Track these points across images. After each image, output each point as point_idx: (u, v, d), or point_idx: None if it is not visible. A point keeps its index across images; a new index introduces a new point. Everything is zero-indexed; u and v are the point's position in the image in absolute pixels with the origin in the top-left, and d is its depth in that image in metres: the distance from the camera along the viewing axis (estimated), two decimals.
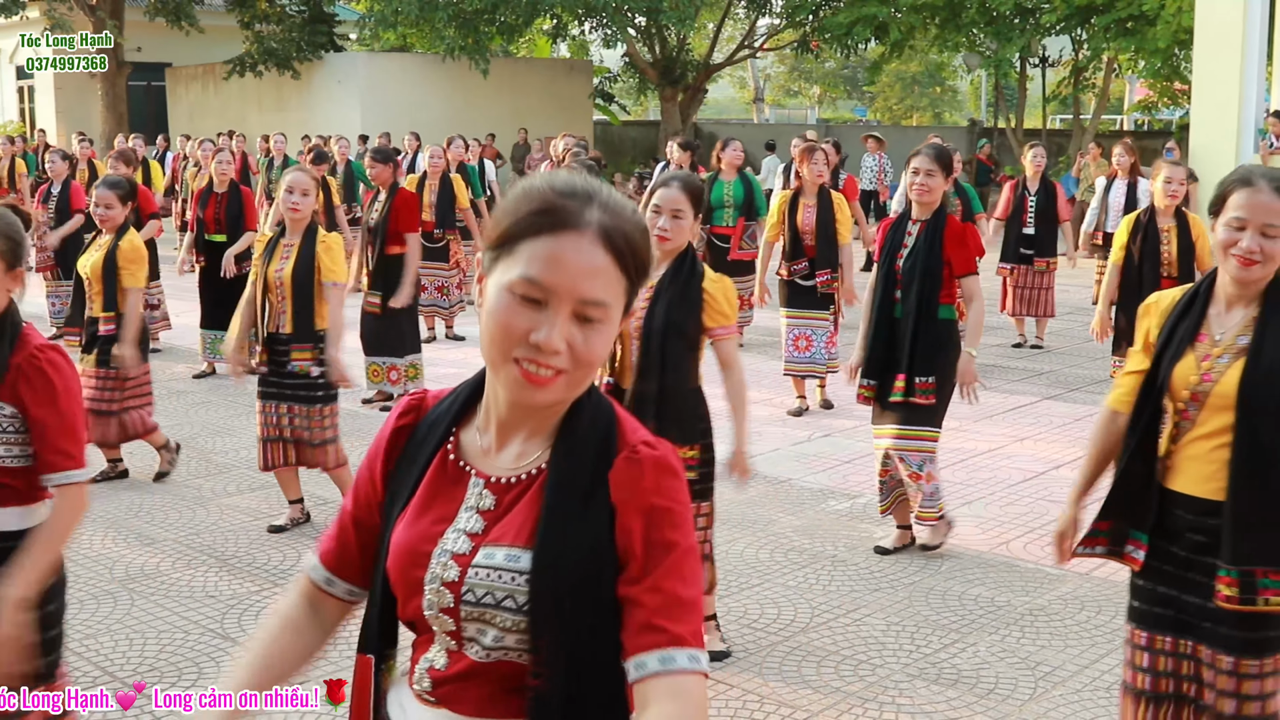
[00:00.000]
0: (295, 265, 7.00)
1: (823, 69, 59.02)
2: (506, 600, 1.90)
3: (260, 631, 2.27)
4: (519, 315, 1.84)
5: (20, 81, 40.17)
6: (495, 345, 1.86)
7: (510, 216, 1.89)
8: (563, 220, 1.86)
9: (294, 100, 33.31)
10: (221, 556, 6.70)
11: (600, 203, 1.89)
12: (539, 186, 1.91)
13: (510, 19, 31.14)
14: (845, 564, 6.47)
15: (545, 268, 1.84)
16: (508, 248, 1.88)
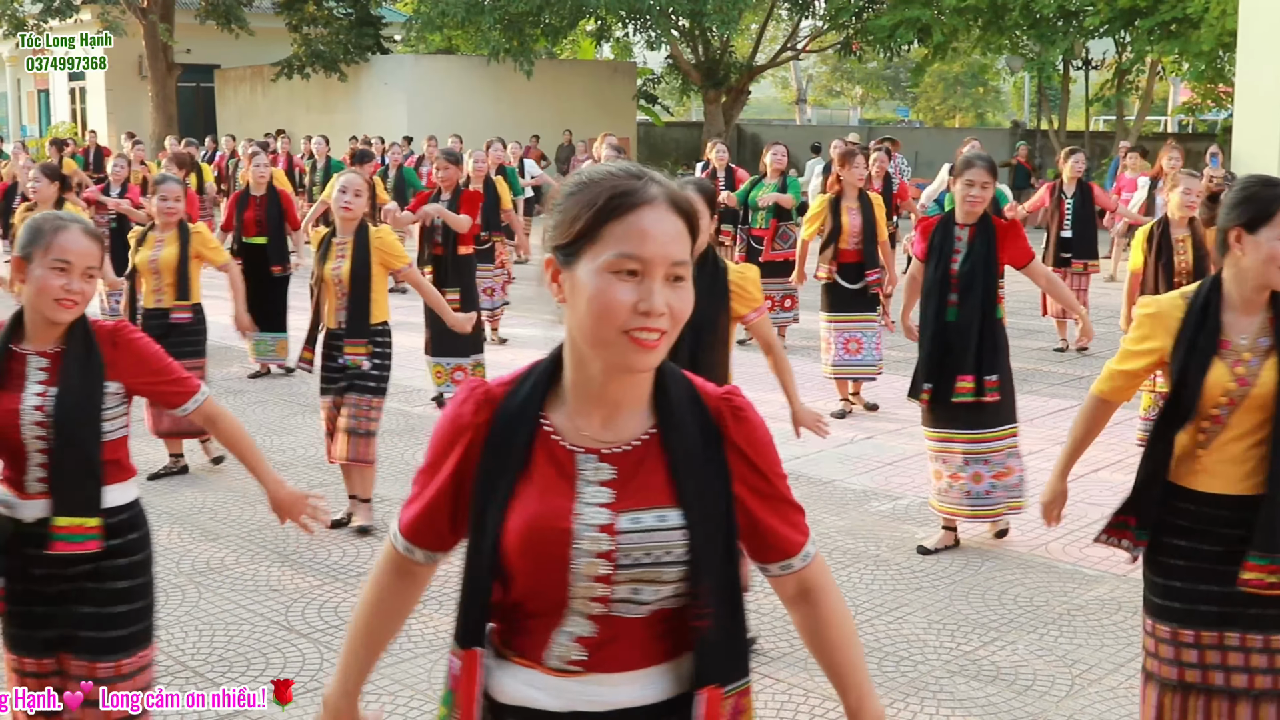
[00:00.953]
0: (352, 263, 7.24)
1: (865, 69, 59.05)
2: (665, 556, 2.14)
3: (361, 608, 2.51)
4: (622, 290, 2.05)
5: (72, 83, 40.76)
6: (603, 323, 2.05)
7: (585, 208, 2.09)
8: (637, 198, 2.08)
9: (341, 102, 33.66)
10: (283, 552, 6.94)
11: (653, 177, 2.13)
12: (599, 177, 2.13)
13: (555, 21, 31.40)
14: (887, 564, 6.65)
15: (637, 242, 2.06)
16: (589, 237, 2.08)
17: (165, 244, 8.37)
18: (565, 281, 2.11)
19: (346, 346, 7.24)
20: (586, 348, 2.12)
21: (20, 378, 3.64)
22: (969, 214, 6.71)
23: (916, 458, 8.67)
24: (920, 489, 7.96)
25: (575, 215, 2.10)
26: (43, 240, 3.62)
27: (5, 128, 44.76)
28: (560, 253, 2.12)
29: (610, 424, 2.19)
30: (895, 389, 10.63)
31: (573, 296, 2.10)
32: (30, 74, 43.10)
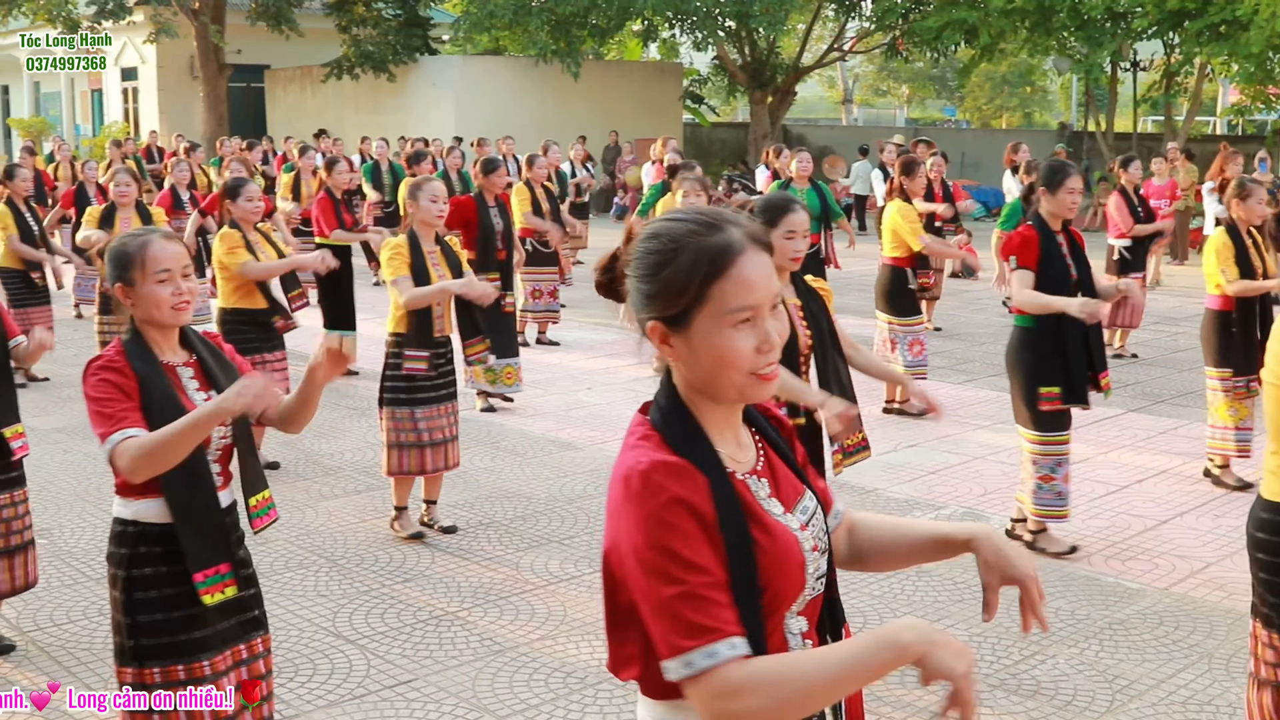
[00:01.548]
0: (452, 273, 7.38)
1: (912, 69, 58.88)
2: (823, 533, 2.40)
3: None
4: (742, 340, 2.18)
5: (125, 83, 41.16)
6: (732, 372, 2.19)
7: (687, 276, 2.18)
8: (733, 251, 2.19)
9: (389, 102, 33.85)
10: (331, 557, 7.04)
11: (731, 219, 2.24)
12: (684, 237, 2.21)
13: (601, 22, 31.48)
14: (929, 574, 6.68)
15: (746, 293, 2.18)
16: (699, 298, 2.18)
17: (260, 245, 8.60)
18: (678, 343, 2.22)
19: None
20: (713, 392, 2.25)
21: (183, 388, 3.89)
22: (1063, 220, 6.86)
23: (959, 467, 8.72)
24: (962, 499, 7.99)
25: (680, 285, 2.19)
26: (137, 261, 3.83)
27: (59, 127, 45.23)
28: (667, 321, 2.21)
29: (741, 445, 2.35)
30: (940, 396, 10.64)
31: (690, 354, 2.21)
32: (84, 74, 43.56)
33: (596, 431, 9.81)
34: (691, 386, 2.26)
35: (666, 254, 2.21)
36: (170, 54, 36.47)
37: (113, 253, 3.88)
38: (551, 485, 8.39)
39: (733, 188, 29.00)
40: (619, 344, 13.35)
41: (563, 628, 6.03)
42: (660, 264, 2.21)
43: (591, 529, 7.45)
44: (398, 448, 7.29)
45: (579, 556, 6.99)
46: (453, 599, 6.41)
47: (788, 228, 5.37)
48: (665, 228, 2.25)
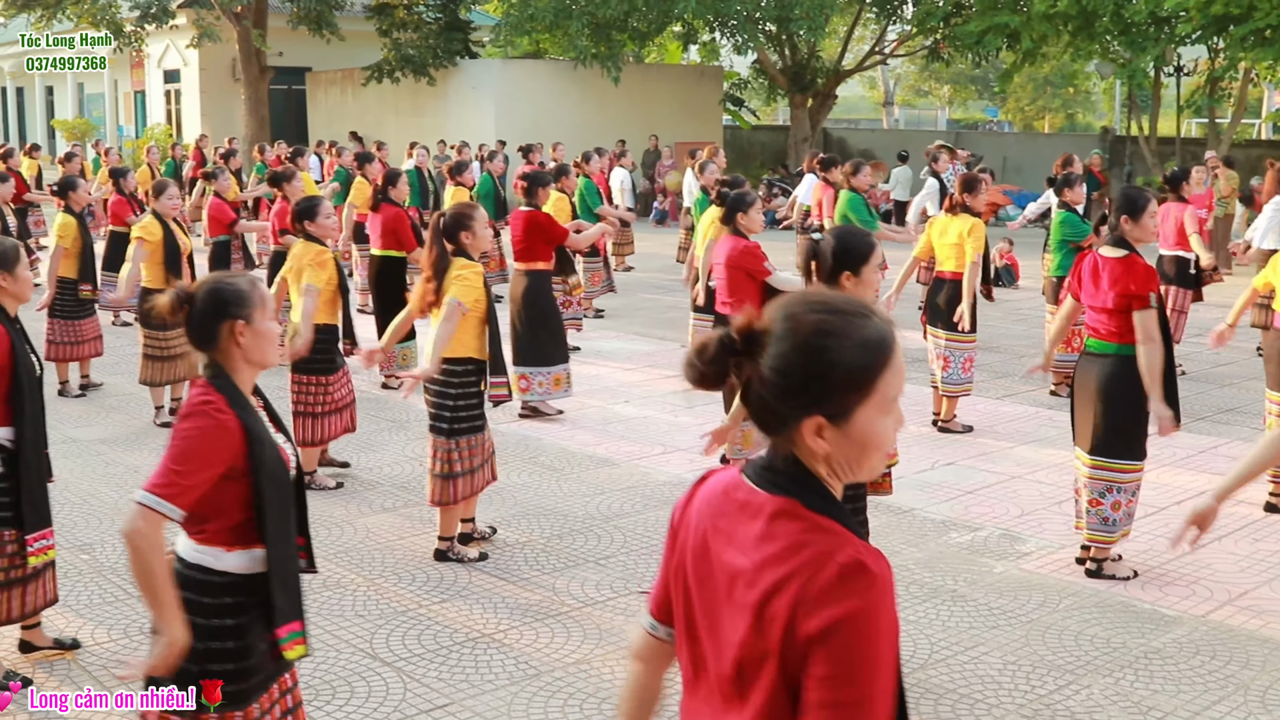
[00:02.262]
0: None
1: (953, 70, 58.72)
2: None
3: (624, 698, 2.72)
4: (891, 423, 2.28)
5: (167, 85, 41.48)
6: (878, 452, 2.28)
7: (858, 369, 2.21)
8: (890, 340, 2.26)
9: (430, 105, 33.97)
10: (369, 576, 7.08)
11: (871, 309, 2.29)
12: (854, 334, 2.22)
13: (642, 25, 31.48)
14: (965, 599, 6.67)
15: (899, 381, 2.27)
16: (868, 392, 2.23)
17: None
18: (831, 435, 2.24)
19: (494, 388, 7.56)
20: (849, 473, 2.31)
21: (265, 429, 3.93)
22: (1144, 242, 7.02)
23: (996, 486, 8.70)
24: (999, 520, 7.97)
25: (850, 381, 2.22)
26: (256, 299, 3.90)
27: (102, 128, 45.61)
28: (830, 416, 2.23)
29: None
30: (979, 412, 10.66)
31: (843, 443, 2.25)
32: (127, 75, 43.93)
33: (634, 446, 9.83)
34: (828, 467, 2.29)
35: (833, 352, 2.21)
36: (212, 57, 36.72)
37: (224, 292, 3.86)
38: (588, 503, 8.41)
39: (772, 192, 29.00)
40: (656, 355, 13.38)
41: (598, 651, 6.06)
42: (829, 364, 2.21)
43: (627, 549, 7.48)
44: (465, 475, 7.32)
45: (614, 578, 7.02)
46: (489, 620, 6.44)
47: (879, 262, 5.49)
48: (822, 322, 2.23)
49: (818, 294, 2.30)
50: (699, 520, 2.43)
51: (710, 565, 2.37)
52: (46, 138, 49.58)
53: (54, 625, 6.35)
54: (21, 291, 5.83)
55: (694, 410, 10.54)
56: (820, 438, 2.22)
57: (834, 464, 2.27)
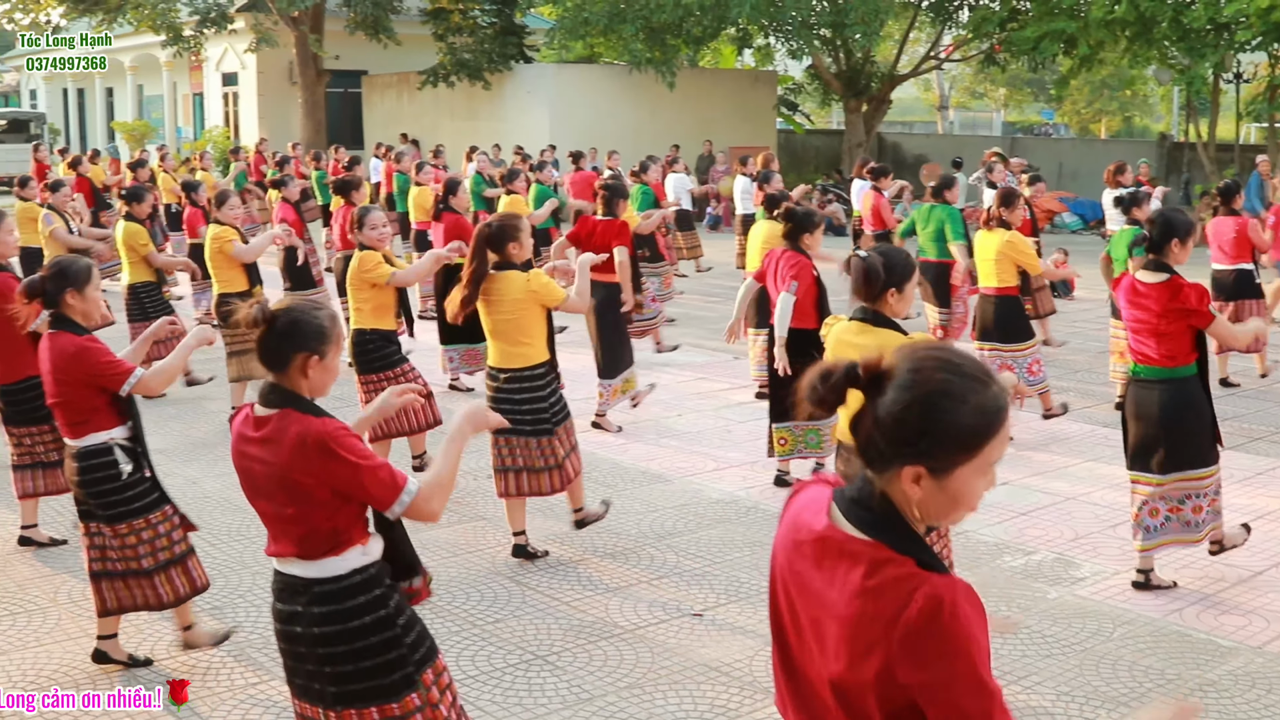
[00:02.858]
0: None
1: (1009, 72, 58.35)
2: None
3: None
4: (984, 485, 2.39)
5: (225, 88, 41.85)
6: (964, 508, 2.39)
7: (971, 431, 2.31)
8: (1004, 409, 2.35)
9: (484, 109, 34.12)
10: None
11: (994, 375, 2.38)
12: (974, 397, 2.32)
13: (696, 30, 31.49)
14: (1018, 626, 6.65)
15: (1004, 447, 2.37)
16: (970, 453, 2.32)
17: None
18: (927, 484, 2.34)
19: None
20: (932, 520, 2.41)
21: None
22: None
23: (1050, 508, 8.66)
24: (1053, 543, 7.94)
25: (962, 441, 2.31)
26: (332, 336, 4.03)
27: (161, 130, 46.07)
28: (932, 468, 2.33)
29: None
30: (1033, 428, 10.61)
31: (937, 494, 2.35)
32: (186, 78, 44.35)
33: (687, 461, 9.85)
34: (915, 510, 2.39)
35: (952, 410, 2.31)
36: (270, 60, 37.03)
37: (303, 324, 3.98)
38: (641, 521, 8.44)
39: (826, 198, 28.94)
40: (709, 366, 13.40)
41: (649, 676, 6.08)
42: (949, 421, 2.31)
43: (680, 570, 7.51)
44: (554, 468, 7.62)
45: (667, 599, 7.04)
46: (543, 642, 6.48)
47: (917, 279, 5.57)
48: (947, 380, 2.33)
49: (944, 350, 2.40)
50: (787, 547, 2.56)
51: (804, 593, 2.50)
52: (106, 139, 50.17)
53: (131, 637, 6.43)
54: (90, 311, 6.06)
55: (747, 426, 10.56)
56: (917, 485, 2.33)
57: (923, 510, 2.38)
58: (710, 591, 7.15)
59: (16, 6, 36.80)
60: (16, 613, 6.96)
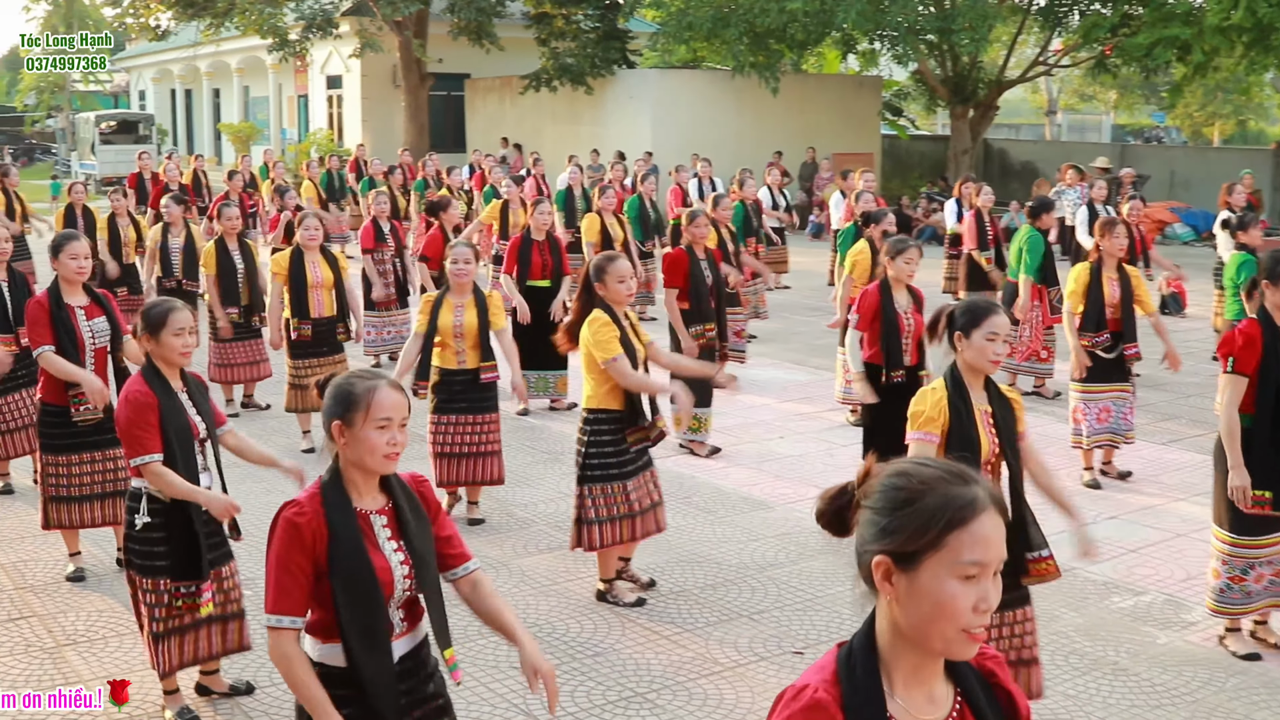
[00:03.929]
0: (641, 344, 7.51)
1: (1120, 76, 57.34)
2: None
3: None
4: (964, 595, 2.23)
5: (330, 90, 42.34)
6: (947, 623, 2.23)
7: (928, 520, 2.24)
8: (978, 506, 2.26)
9: (586, 114, 34.17)
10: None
11: (975, 477, 2.30)
12: (932, 483, 2.28)
13: (800, 35, 31.30)
14: (1127, 673, 6.50)
15: (981, 550, 2.23)
16: (936, 544, 2.23)
17: (465, 309, 8.69)
18: (899, 583, 2.27)
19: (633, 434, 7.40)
20: (919, 640, 2.29)
21: (374, 538, 3.87)
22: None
23: (1160, 544, 8.47)
24: (1164, 583, 7.76)
25: (920, 526, 2.25)
26: (361, 404, 3.81)
27: (266, 131, 46.71)
28: (898, 557, 2.27)
29: (932, 700, 2.36)
30: (1142, 458, 10.39)
31: (910, 597, 2.27)
32: (291, 80, 44.91)
33: (789, 487, 9.77)
34: (897, 629, 2.31)
35: (913, 493, 2.28)
36: (374, 64, 37.37)
37: (337, 390, 3.88)
38: (742, 550, 8.37)
39: (931, 206, 28.64)
40: (812, 386, 13.28)
41: (750, 718, 6.02)
42: (905, 501, 2.28)
43: (781, 603, 7.43)
44: (604, 523, 7.32)
45: (768, 635, 6.97)
46: (641, 678, 6.44)
47: (989, 330, 5.33)
48: (916, 470, 2.32)
49: (931, 457, 2.41)
50: None
51: None
52: (213, 140, 50.99)
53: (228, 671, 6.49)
54: (169, 356, 5.89)
55: (851, 450, 10.44)
56: (888, 582, 2.28)
57: (901, 621, 2.29)
58: (812, 628, 7.07)
59: (128, 11, 37.39)
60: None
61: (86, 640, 6.88)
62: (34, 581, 7.80)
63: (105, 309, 7.92)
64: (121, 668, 6.44)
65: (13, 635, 6.98)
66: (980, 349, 5.37)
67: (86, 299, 7.88)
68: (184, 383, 5.99)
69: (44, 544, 8.32)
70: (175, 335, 5.86)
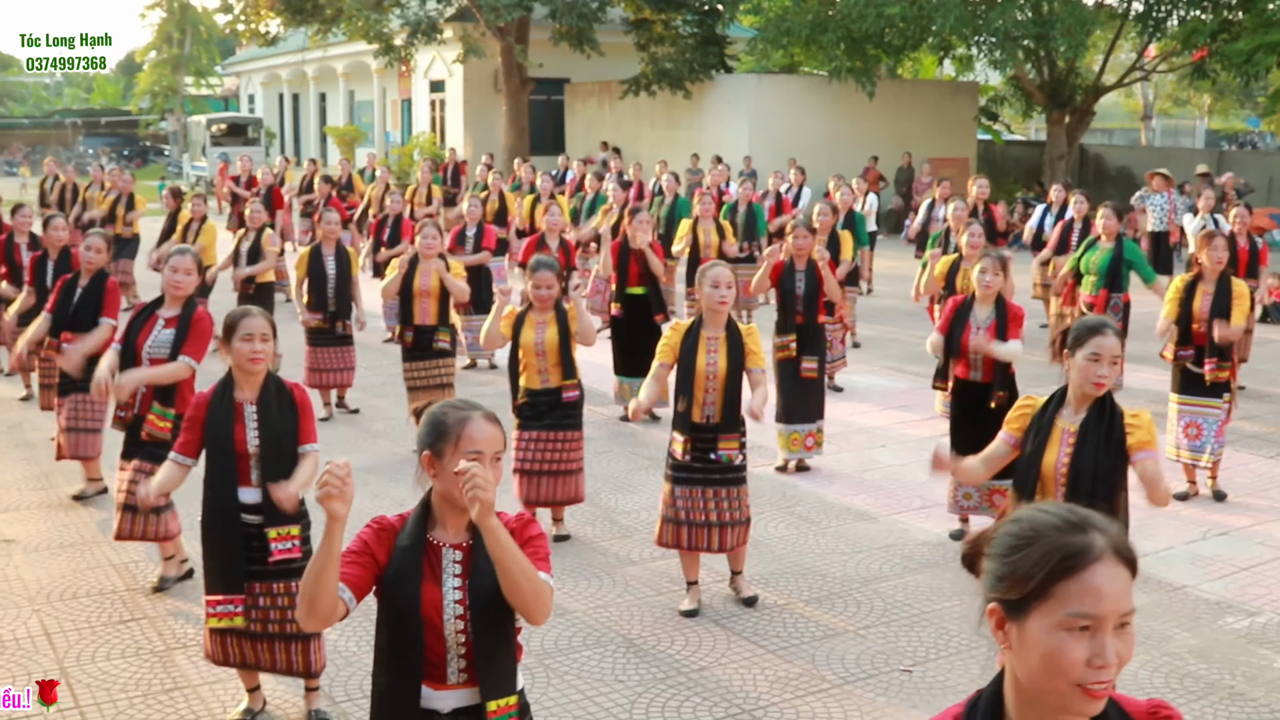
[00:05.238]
0: (729, 360, 7.43)
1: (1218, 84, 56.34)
2: None
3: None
4: (1076, 648, 2.14)
5: (433, 94, 42.73)
6: (1057, 678, 2.15)
7: (1037, 567, 2.18)
8: (1090, 556, 2.17)
9: (684, 119, 34.20)
10: (628, 636, 7.11)
11: (1097, 525, 2.22)
12: (1045, 530, 2.21)
13: (897, 40, 31.13)
14: (1243, 698, 6.39)
15: (1092, 602, 2.14)
16: (1041, 593, 2.17)
17: (546, 325, 8.50)
18: (1012, 632, 2.22)
19: (721, 442, 7.39)
20: (1035, 694, 2.22)
21: (438, 571, 3.68)
22: None
23: (1275, 562, 8.33)
24: (1278, 604, 7.62)
25: (1027, 573, 2.19)
26: (451, 435, 3.66)
27: (370, 134, 47.22)
28: (1007, 605, 2.22)
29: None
30: (1251, 472, 10.24)
31: (1021, 647, 2.20)
32: (395, 84, 45.37)
33: (892, 499, 9.71)
34: (1019, 683, 2.26)
35: (1023, 540, 2.22)
36: (475, 69, 37.62)
37: (430, 419, 3.75)
38: (847, 562, 8.34)
39: (1028, 212, 28.33)
40: (911, 394, 13.19)
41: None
42: (1014, 548, 2.22)
43: (888, 619, 7.38)
44: (666, 521, 7.51)
45: (875, 651, 6.93)
46: (748, 695, 6.42)
47: (1092, 350, 5.29)
48: (1030, 516, 2.26)
49: (1056, 502, 2.32)
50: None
51: None
52: (319, 143, 51.67)
53: (326, 674, 6.56)
54: (239, 362, 5.90)
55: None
56: (1001, 630, 2.23)
57: (1018, 673, 2.23)
58: (919, 645, 7.02)
59: (239, 18, 38.04)
60: None
61: (196, 644, 6.95)
62: (145, 583, 7.94)
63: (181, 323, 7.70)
64: (231, 672, 6.52)
65: (123, 638, 7.11)
66: (1082, 369, 5.34)
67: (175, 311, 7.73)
68: (263, 393, 5.95)
69: (154, 544, 8.43)
70: (244, 341, 5.88)
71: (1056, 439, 5.36)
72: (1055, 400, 5.46)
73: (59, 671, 6.59)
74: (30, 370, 12.15)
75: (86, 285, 9.20)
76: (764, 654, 6.92)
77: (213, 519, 5.94)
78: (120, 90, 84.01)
